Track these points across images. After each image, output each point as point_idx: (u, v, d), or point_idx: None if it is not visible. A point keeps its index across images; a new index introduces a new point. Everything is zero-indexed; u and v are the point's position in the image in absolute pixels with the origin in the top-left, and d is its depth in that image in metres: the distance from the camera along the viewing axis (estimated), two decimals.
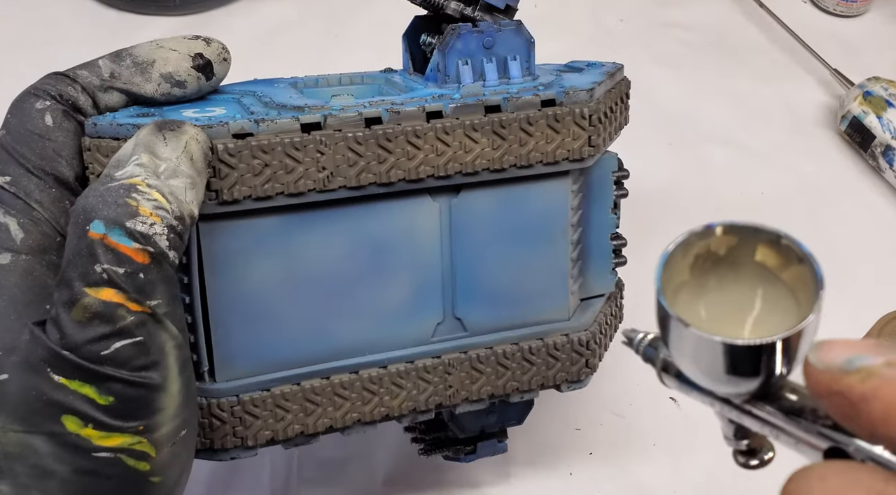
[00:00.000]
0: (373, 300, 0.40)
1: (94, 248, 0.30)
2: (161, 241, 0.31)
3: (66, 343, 0.30)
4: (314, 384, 0.39)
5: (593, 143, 0.40)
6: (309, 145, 0.36)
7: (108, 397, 0.30)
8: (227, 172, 0.35)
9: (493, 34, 0.40)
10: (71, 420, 0.30)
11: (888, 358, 0.20)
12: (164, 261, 0.31)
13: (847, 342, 0.21)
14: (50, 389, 0.30)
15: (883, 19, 0.83)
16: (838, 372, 0.21)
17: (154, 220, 0.31)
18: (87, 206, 0.30)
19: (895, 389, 0.20)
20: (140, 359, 0.31)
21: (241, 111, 0.37)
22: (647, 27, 0.80)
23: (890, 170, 0.69)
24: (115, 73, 0.37)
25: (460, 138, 0.38)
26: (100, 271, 0.30)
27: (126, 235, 0.30)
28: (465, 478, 0.52)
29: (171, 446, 0.32)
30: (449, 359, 0.41)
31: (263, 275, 0.37)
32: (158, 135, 0.33)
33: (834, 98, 0.75)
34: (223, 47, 0.39)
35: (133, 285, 0.30)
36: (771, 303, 0.25)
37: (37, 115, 0.36)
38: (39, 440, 0.30)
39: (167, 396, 0.32)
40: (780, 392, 0.24)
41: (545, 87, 0.40)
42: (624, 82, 0.45)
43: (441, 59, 0.40)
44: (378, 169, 0.37)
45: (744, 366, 0.22)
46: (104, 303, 0.30)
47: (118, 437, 0.31)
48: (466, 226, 0.40)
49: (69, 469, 0.31)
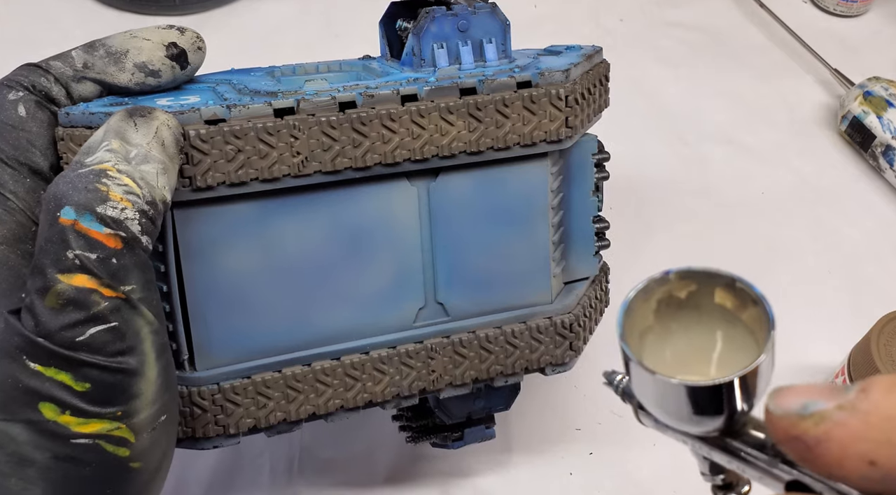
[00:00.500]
0: (353, 286, 0.39)
1: (66, 234, 0.30)
2: (133, 226, 0.31)
3: (41, 330, 0.30)
4: (295, 371, 0.39)
5: (570, 124, 0.40)
6: (282, 130, 0.36)
7: (85, 383, 0.30)
8: (199, 158, 0.35)
9: (467, 17, 0.40)
10: (48, 407, 0.30)
11: (838, 401, 0.21)
12: (137, 246, 0.31)
13: (802, 388, 0.22)
14: (26, 377, 0.30)
15: (883, 19, 0.83)
16: (795, 418, 0.22)
17: (125, 205, 0.31)
18: (57, 193, 0.30)
19: (847, 432, 0.21)
20: (115, 344, 0.31)
21: (214, 98, 0.37)
22: (647, 27, 0.80)
23: (890, 170, 0.68)
24: (88, 63, 0.37)
25: (436, 121, 0.38)
26: (72, 257, 0.30)
27: (97, 220, 0.30)
28: (466, 478, 0.52)
29: (151, 431, 0.32)
30: (431, 343, 0.41)
31: (241, 262, 0.37)
32: (129, 121, 0.33)
33: (834, 98, 0.75)
34: (197, 36, 0.39)
35: (106, 270, 0.30)
36: (732, 343, 0.26)
37: (9, 106, 0.36)
38: (17, 428, 0.30)
39: (144, 381, 0.32)
40: (743, 428, 0.25)
41: (521, 69, 0.40)
42: (603, 64, 0.45)
43: (416, 43, 0.40)
44: (353, 153, 0.37)
45: (705, 405, 0.24)
46: (77, 289, 0.30)
47: (96, 423, 0.31)
48: (446, 210, 0.40)
49: (48, 456, 0.31)
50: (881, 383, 0.21)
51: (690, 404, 0.24)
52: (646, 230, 0.65)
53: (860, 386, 0.21)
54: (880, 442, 0.20)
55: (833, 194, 0.69)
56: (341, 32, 0.76)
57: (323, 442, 0.53)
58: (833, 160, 0.72)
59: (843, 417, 0.21)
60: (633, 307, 0.26)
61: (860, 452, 0.20)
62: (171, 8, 0.75)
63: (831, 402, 0.21)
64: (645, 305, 0.26)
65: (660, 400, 0.24)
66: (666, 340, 0.26)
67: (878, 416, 0.21)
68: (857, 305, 0.62)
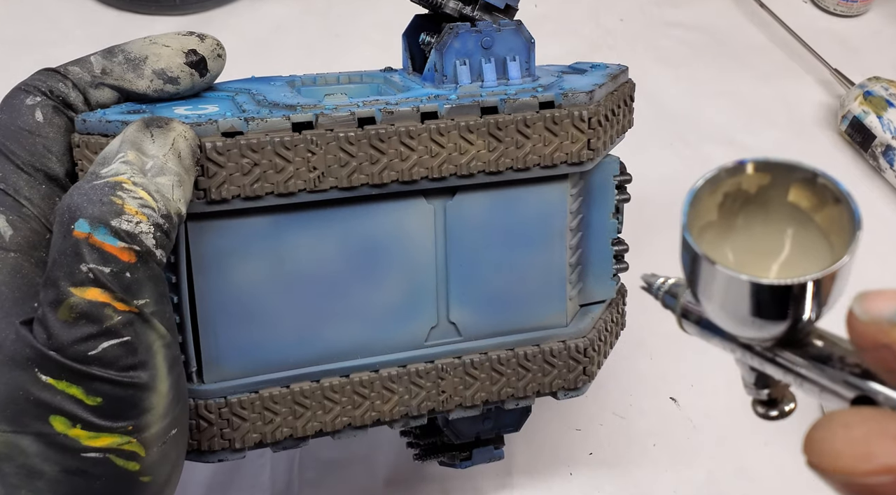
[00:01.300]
0: (364, 302, 0.39)
1: (80, 247, 0.30)
2: (147, 240, 0.30)
3: (53, 343, 0.30)
4: (303, 387, 0.39)
5: (593, 147, 0.40)
6: (299, 145, 0.35)
7: (96, 397, 0.30)
8: (215, 171, 0.34)
9: (491, 34, 0.40)
10: (59, 420, 0.30)
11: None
12: (151, 260, 0.31)
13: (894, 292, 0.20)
14: (37, 389, 0.30)
15: (883, 19, 0.82)
16: (886, 325, 0.20)
17: (140, 219, 0.30)
18: (71, 205, 0.30)
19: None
20: (127, 358, 0.30)
21: (233, 109, 0.37)
22: (647, 27, 0.79)
23: (890, 169, 0.68)
24: (106, 69, 0.37)
25: (455, 140, 0.37)
26: (85, 271, 0.30)
27: (111, 234, 0.30)
28: (466, 479, 0.52)
29: (162, 445, 0.32)
30: (442, 363, 0.40)
31: (252, 275, 0.37)
32: (146, 132, 0.32)
33: (834, 98, 0.74)
34: (217, 43, 0.39)
35: (119, 284, 0.30)
36: (801, 247, 0.23)
37: (27, 111, 0.35)
38: (27, 440, 0.30)
39: (156, 396, 0.31)
40: (806, 338, 0.22)
41: (544, 89, 0.39)
42: (628, 84, 0.45)
43: (438, 59, 0.39)
44: (370, 169, 0.37)
45: (770, 309, 0.21)
46: (90, 302, 0.30)
47: (107, 437, 0.31)
48: (461, 229, 0.40)
49: (58, 469, 0.30)
50: None
51: (754, 305, 0.21)
52: (646, 230, 0.65)
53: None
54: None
55: None
56: (341, 32, 0.76)
57: (323, 443, 0.53)
58: (833, 160, 0.71)
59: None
60: (699, 197, 0.23)
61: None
62: (171, 8, 0.74)
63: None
64: (710, 198, 0.23)
65: (720, 298, 0.22)
66: (726, 238, 0.24)
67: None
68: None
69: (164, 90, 0.38)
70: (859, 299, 0.21)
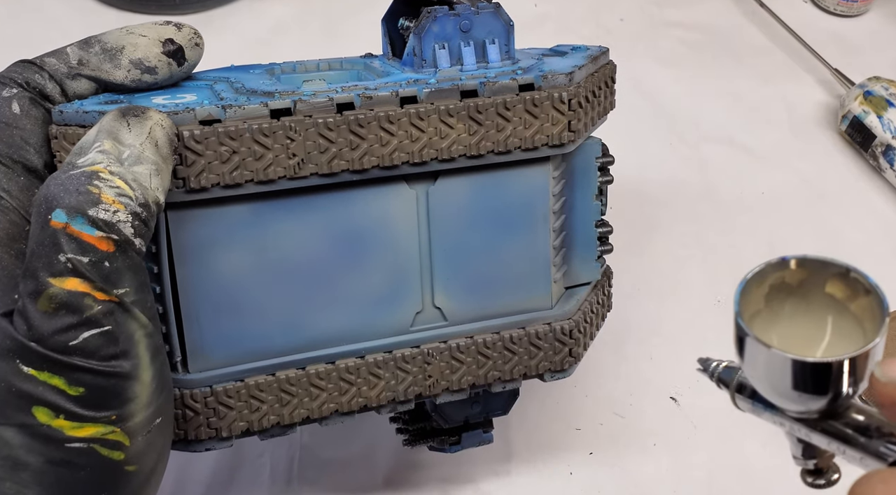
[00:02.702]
0: (349, 289, 0.39)
1: (57, 238, 0.30)
2: (125, 229, 0.30)
3: (34, 334, 0.30)
4: (289, 374, 0.39)
5: (573, 128, 0.40)
6: (278, 131, 0.35)
7: (79, 387, 0.30)
8: (193, 159, 0.34)
9: (470, 17, 0.39)
10: (42, 411, 0.30)
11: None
12: (130, 249, 0.31)
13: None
14: (19, 381, 0.30)
15: (883, 19, 0.82)
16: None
17: (117, 208, 0.30)
18: (48, 195, 0.30)
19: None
20: (109, 348, 0.30)
21: (211, 97, 0.36)
22: (647, 27, 0.79)
23: (890, 169, 0.68)
24: (83, 59, 0.37)
25: (435, 124, 0.37)
26: (64, 261, 0.29)
27: (89, 223, 0.30)
28: (466, 478, 0.52)
29: (146, 434, 0.32)
30: (428, 348, 0.40)
31: (235, 264, 0.37)
32: (122, 121, 0.32)
33: (834, 98, 0.74)
34: (195, 32, 0.39)
35: (98, 274, 0.30)
36: (840, 332, 0.27)
37: (3, 103, 0.35)
38: (10, 432, 0.30)
39: (139, 385, 0.31)
40: (846, 412, 0.26)
41: (523, 72, 0.39)
42: (608, 66, 0.45)
43: (417, 43, 0.39)
44: (351, 155, 0.37)
45: (813, 384, 0.24)
46: (69, 292, 0.30)
47: (90, 427, 0.31)
48: (444, 214, 0.39)
49: (42, 460, 0.30)
50: None
51: (798, 381, 0.24)
52: (646, 230, 0.65)
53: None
54: None
55: (833, 194, 0.69)
56: (341, 32, 0.76)
57: (323, 442, 0.53)
58: (833, 160, 0.71)
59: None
60: (748, 289, 0.26)
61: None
62: (171, 7, 0.75)
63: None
64: (758, 289, 0.27)
65: (770, 377, 0.25)
66: (773, 324, 0.27)
67: None
68: None
69: (141, 80, 0.38)
70: (880, 364, 0.24)
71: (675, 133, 0.71)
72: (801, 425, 0.26)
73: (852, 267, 0.26)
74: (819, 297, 0.27)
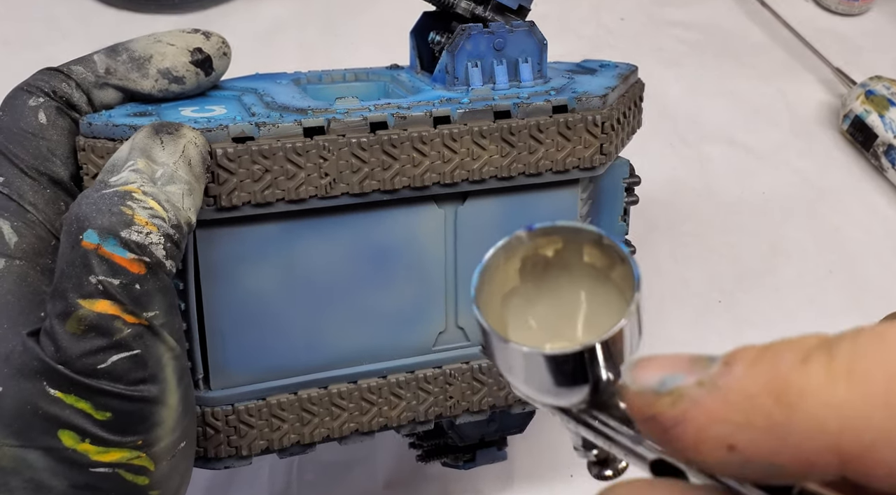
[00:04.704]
0: (373, 308, 0.38)
1: (89, 259, 0.29)
2: (157, 251, 0.30)
3: (61, 356, 0.29)
4: (311, 393, 0.38)
5: (605, 151, 0.39)
6: (311, 151, 0.35)
7: (105, 412, 0.29)
8: (226, 178, 0.34)
9: (504, 35, 0.39)
10: (67, 435, 0.29)
11: (699, 376, 0.18)
12: (161, 271, 0.30)
13: (663, 359, 0.19)
14: (46, 404, 0.29)
15: (885, 18, 0.82)
16: (651, 395, 0.19)
17: (150, 230, 0.29)
18: (80, 215, 0.29)
19: (704, 412, 0.18)
20: (137, 372, 0.30)
21: (241, 111, 0.36)
22: (648, 26, 0.79)
23: (892, 169, 0.68)
24: (110, 68, 0.36)
25: (468, 145, 0.37)
26: (94, 282, 0.29)
27: (121, 245, 0.29)
28: (467, 481, 0.52)
29: (171, 459, 0.32)
30: (450, 369, 0.40)
31: (261, 282, 0.36)
32: (155, 138, 0.32)
33: (836, 97, 0.74)
34: (223, 41, 0.38)
35: (129, 296, 0.29)
36: (600, 305, 0.23)
37: (30, 112, 0.34)
38: (35, 454, 0.29)
39: (166, 409, 0.31)
40: (611, 399, 0.22)
41: (557, 92, 0.39)
42: (637, 85, 0.44)
43: (450, 61, 0.39)
44: (382, 176, 0.36)
45: (566, 375, 0.21)
46: (99, 315, 0.29)
47: (116, 452, 0.30)
48: (472, 235, 0.39)
49: (66, 484, 0.30)
50: (745, 355, 0.18)
51: (551, 374, 0.21)
52: (647, 230, 0.65)
53: (724, 359, 0.18)
54: (739, 425, 0.17)
55: (834, 194, 0.69)
56: (341, 32, 0.75)
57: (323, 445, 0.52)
58: (835, 159, 0.71)
59: (701, 395, 0.18)
60: (493, 266, 0.23)
61: (718, 435, 0.18)
62: (171, 7, 0.74)
63: (691, 377, 0.18)
64: (508, 265, 0.23)
65: (518, 370, 0.22)
66: (533, 302, 0.24)
67: (739, 394, 0.18)
68: (859, 305, 0.61)
69: (169, 90, 0.37)
70: (631, 367, 0.20)
71: (676, 133, 0.71)
72: (568, 416, 0.23)
73: (603, 233, 0.23)
74: (580, 268, 0.23)
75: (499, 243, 0.23)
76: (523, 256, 0.23)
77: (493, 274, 0.23)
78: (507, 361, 0.22)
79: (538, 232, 0.23)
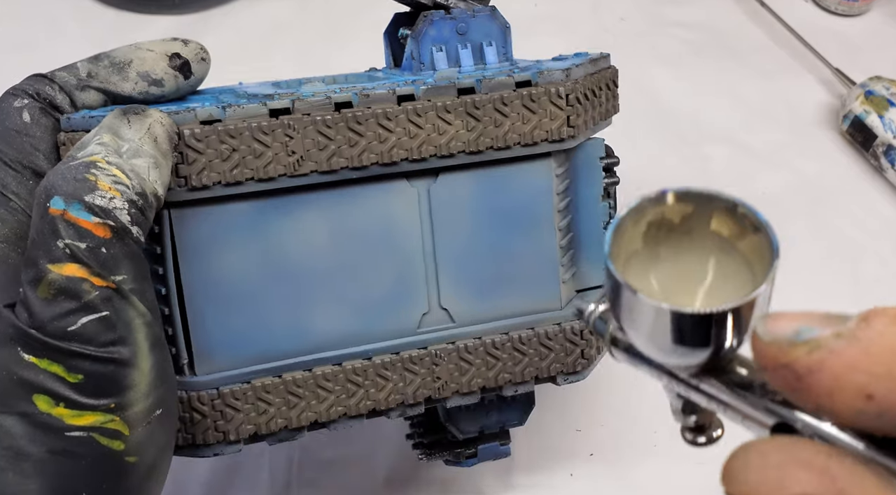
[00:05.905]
0: (353, 289, 0.39)
1: (56, 224, 0.30)
2: (122, 216, 0.31)
3: (34, 321, 0.30)
4: (296, 376, 0.38)
5: (572, 124, 0.40)
6: (277, 130, 0.36)
7: (77, 374, 0.30)
8: (195, 158, 0.35)
9: (466, 20, 0.40)
10: (42, 399, 0.30)
11: (837, 329, 0.20)
12: (127, 236, 0.31)
13: (796, 313, 0.21)
14: (20, 368, 0.30)
15: (884, 18, 0.82)
16: (786, 345, 0.20)
17: (113, 195, 0.31)
18: (47, 185, 0.31)
19: (843, 361, 0.19)
20: (107, 334, 0.31)
21: (213, 102, 0.37)
22: (647, 26, 0.79)
23: (892, 169, 0.67)
24: (92, 72, 0.38)
25: (433, 120, 0.38)
26: (62, 247, 0.30)
27: (85, 209, 0.30)
28: (466, 479, 0.51)
29: (146, 425, 0.32)
30: (436, 350, 0.40)
31: (239, 263, 0.37)
32: (122, 118, 0.33)
33: (835, 97, 0.74)
34: (201, 47, 0.40)
35: (96, 260, 0.30)
36: (725, 274, 0.24)
37: (14, 112, 0.37)
38: (12, 420, 0.30)
39: (138, 373, 0.32)
40: (729, 365, 0.23)
41: (520, 70, 0.40)
42: (610, 70, 0.45)
43: (415, 47, 0.40)
44: (350, 152, 0.37)
45: (692, 337, 0.22)
46: (68, 278, 0.30)
47: (90, 416, 0.31)
48: (447, 212, 0.40)
49: (43, 449, 0.30)
50: (886, 313, 0.19)
51: (676, 333, 0.21)
52: None
53: (862, 316, 0.20)
54: (880, 375, 0.19)
55: (834, 194, 0.68)
56: (340, 32, 0.75)
57: (322, 442, 0.52)
58: (834, 160, 0.70)
59: (841, 346, 0.19)
60: (623, 227, 0.23)
61: (857, 384, 0.19)
62: (171, 7, 0.74)
63: (828, 330, 0.20)
64: (635, 227, 0.24)
65: (642, 327, 0.22)
66: (652, 266, 0.24)
67: (880, 347, 0.19)
68: (859, 305, 0.59)
69: (149, 92, 0.39)
70: (764, 319, 0.21)
71: (676, 132, 0.71)
72: (679, 381, 0.24)
73: (740, 200, 0.23)
74: (704, 235, 0.24)
75: (631, 204, 0.23)
76: (650, 220, 0.24)
77: (621, 235, 0.23)
78: (633, 317, 0.22)
79: (671, 196, 0.24)
